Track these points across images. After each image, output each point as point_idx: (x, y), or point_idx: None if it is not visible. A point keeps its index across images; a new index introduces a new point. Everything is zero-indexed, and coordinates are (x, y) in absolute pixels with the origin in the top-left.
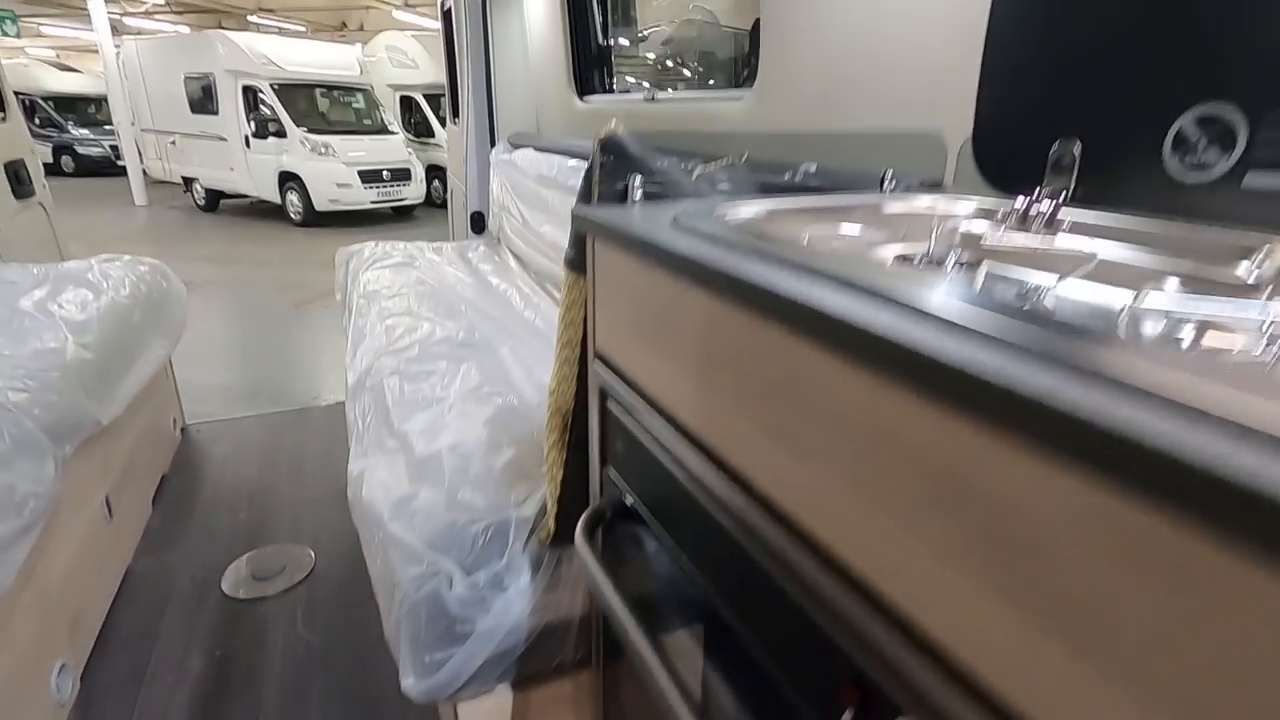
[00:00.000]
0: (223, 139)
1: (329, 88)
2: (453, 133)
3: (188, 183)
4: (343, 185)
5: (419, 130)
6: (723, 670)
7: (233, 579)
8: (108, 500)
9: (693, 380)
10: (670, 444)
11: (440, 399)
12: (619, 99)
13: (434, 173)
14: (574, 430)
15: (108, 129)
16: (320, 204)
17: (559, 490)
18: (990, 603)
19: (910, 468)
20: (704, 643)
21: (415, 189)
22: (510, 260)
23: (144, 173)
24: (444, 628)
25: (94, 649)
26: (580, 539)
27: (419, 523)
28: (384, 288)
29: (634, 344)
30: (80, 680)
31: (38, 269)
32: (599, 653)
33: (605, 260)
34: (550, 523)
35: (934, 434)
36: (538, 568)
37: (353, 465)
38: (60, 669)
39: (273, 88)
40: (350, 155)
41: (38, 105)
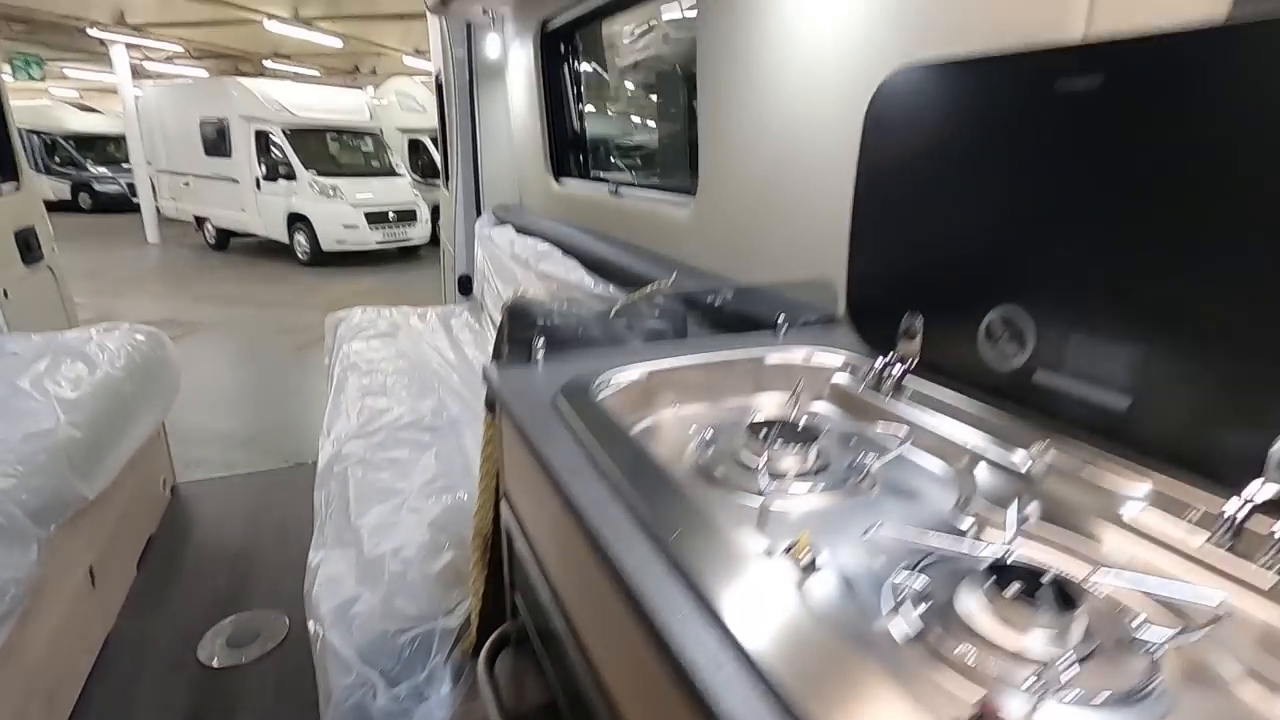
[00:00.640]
0: (235, 180)
1: (339, 132)
2: (444, 197)
3: (200, 222)
4: (349, 226)
5: (425, 172)
6: None
7: (209, 647)
8: (91, 570)
9: (556, 549)
10: (544, 598)
11: (397, 491)
12: (590, 186)
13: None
14: (494, 550)
15: (125, 167)
16: (327, 244)
17: (481, 604)
18: None
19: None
20: None
21: (420, 230)
22: (489, 331)
23: (157, 210)
24: None
25: None
26: (482, 663)
27: (355, 629)
28: (364, 361)
29: (525, 496)
30: None
31: (40, 338)
32: None
33: (503, 416)
34: (473, 634)
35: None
36: (458, 678)
37: (312, 555)
38: None
39: (284, 132)
40: (357, 197)
41: (59, 144)
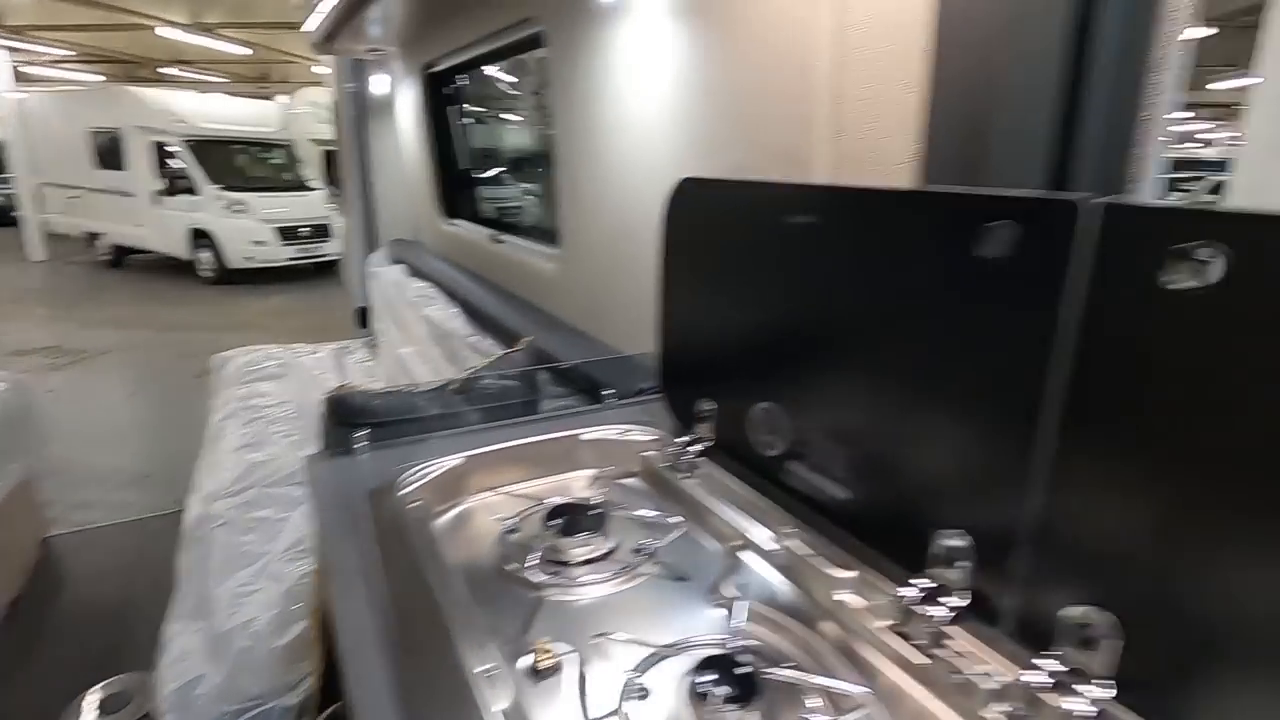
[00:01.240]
0: (130, 195)
1: (247, 143)
2: (346, 225)
3: (92, 237)
4: (259, 242)
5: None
6: None
7: (75, 716)
8: None
9: None
10: None
11: (261, 555)
12: (477, 230)
13: None
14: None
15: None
16: (235, 261)
17: (321, 682)
18: None
19: None
20: None
21: (335, 245)
22: (380, 369)
23: (44, 225)
24: None
25: None
26: None
27: (195, 713)
28: (246, 409)
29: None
30: None
31: None
32: None
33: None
34: (313, 711)
35: None
36: None
37: (166, 628)
38: None
39: (186, 144)
40: (267, 212)
41: None
